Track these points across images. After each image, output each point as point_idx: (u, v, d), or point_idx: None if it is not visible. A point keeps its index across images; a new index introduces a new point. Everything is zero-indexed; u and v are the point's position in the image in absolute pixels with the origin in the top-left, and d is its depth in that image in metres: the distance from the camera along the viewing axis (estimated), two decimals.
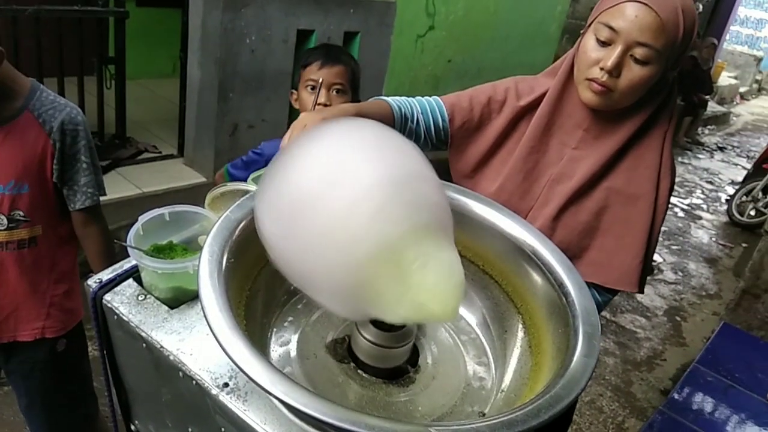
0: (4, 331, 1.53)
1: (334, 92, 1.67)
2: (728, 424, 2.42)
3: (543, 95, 1.23)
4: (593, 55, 1.10)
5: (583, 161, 1.20)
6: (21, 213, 1.44)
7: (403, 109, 1.22)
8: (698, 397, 2.56)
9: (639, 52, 1.06)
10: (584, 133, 1.21)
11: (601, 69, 1.09)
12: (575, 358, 0.79)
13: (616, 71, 1.08)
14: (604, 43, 1.09)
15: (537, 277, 0.98)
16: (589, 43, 1.12)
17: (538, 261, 0.98)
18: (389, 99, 1.24)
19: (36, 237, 1.49)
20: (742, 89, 13.02)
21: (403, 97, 1.29)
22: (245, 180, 1.67)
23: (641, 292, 1.24)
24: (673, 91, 1.20)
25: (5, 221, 1.42)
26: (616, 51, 1.07)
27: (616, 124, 1.18)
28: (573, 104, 1.20)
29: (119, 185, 3.33)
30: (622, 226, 1.20)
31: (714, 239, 5.76)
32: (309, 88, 1.67)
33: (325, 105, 1.62)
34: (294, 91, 1.77)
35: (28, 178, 1.43)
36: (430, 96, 1.33)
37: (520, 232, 1.03)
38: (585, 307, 0.88)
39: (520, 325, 0.98)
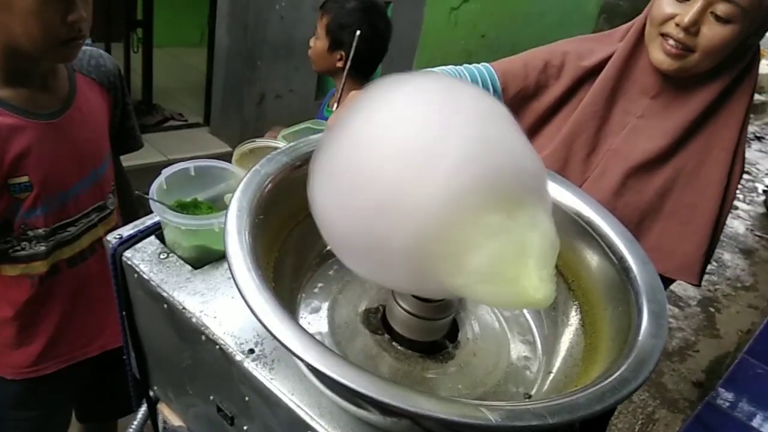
0: (109, 338, 1.34)
1: None
2: None
3: (607, 58, 1.12)
4: (669, 10, 0.99)
5: (648, 132, 1.09)
6: (110, 195, 1.29)
7: None
8: (748, 390, 2.42)
9: (721, 8, 0.95)
10: (651, 101, 1.10)
11: (677, 25, 0.98)
12: (640, 338, 0.70)
13: (694, 28, 0.97)
14: None
15: (592, 251, 0.89)
16: None
17: (594, 233, 0.89)
18: (436, 71, 1.15)
19: (117, 225, 1.27)
20: None
21: (450, 66, 1.19)
22: None
23: (698, 285, 1.13)
24: (755, 61, 1.07)
25: (108, 204, 1.27)
26: (696, 5, 0.96)
27: (689, 92, 1.07)
28: (641, 69, 1.09)
29: (145, 152, 3.24)
30: (688, 211, 1.09)
31: (750, 230, 5.56)
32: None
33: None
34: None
35: (109, 142, 1.28)
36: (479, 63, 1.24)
37: (574, 201, 0.93)
38: (649, 283, 0.79)
39: (572, 303, 0.89)
